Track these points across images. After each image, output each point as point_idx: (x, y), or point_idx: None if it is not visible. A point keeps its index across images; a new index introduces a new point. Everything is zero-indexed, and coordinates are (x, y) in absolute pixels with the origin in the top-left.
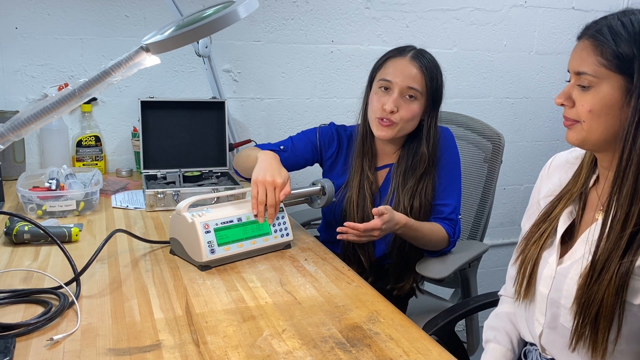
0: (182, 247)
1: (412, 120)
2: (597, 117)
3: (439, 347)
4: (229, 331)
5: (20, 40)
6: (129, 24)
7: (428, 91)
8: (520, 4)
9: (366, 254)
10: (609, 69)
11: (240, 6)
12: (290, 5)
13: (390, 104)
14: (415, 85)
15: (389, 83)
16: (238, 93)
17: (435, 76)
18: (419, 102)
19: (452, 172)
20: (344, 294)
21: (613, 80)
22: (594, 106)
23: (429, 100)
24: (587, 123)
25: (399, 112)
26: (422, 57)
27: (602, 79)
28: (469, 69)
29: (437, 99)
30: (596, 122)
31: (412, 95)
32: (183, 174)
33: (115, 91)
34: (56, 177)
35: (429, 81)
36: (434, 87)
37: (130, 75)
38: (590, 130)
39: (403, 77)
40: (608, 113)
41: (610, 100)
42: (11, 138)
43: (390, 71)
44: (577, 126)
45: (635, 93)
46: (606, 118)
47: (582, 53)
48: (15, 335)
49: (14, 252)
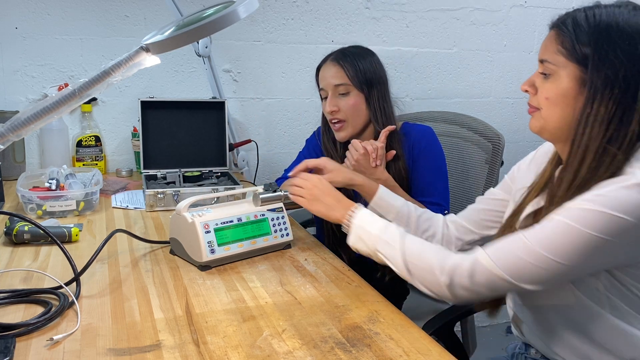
0: (182, 247)
1: (356, 110)
2: (554, 105)
3: (439, 347)
4: (229, 331)
5: (20, 40)
6: (129, 24)
7: (354, 79)
8: (520, 4)
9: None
10: (566, 58)
11: (240, 6)
12: (290, 5)
13: (328, 106)
14: (339, 81)
15: (323, 91)
16: (238, 93)
17: (355, 62)
18: (354, 93)
19: (433, 168)
20: (344, 294)
21: (570, 69)
22: (550, 94)
23: (361, 86)
24: (544, 110)
25: (340, 109)
26: (340, 53)
27: (560, 68)
28: (469, 69)
29: (369, 81)
30: (552, 110)
31: (343, 92)
32: (183, 174)
33: (115, 91)
34: (56, 177)
35: (349, 71)
36: (361, 75)
37: (130, 75)
38: (547, 118)
39: (328, 79)
40: (563, 102)
41: (566, 89)
42: (11, 138)
43: (320, 79)
44: (537, 113)
45: (588, 84)
46: (561, 107)
47: (546, 42)
48: (15, 335)
49: (14, 252)
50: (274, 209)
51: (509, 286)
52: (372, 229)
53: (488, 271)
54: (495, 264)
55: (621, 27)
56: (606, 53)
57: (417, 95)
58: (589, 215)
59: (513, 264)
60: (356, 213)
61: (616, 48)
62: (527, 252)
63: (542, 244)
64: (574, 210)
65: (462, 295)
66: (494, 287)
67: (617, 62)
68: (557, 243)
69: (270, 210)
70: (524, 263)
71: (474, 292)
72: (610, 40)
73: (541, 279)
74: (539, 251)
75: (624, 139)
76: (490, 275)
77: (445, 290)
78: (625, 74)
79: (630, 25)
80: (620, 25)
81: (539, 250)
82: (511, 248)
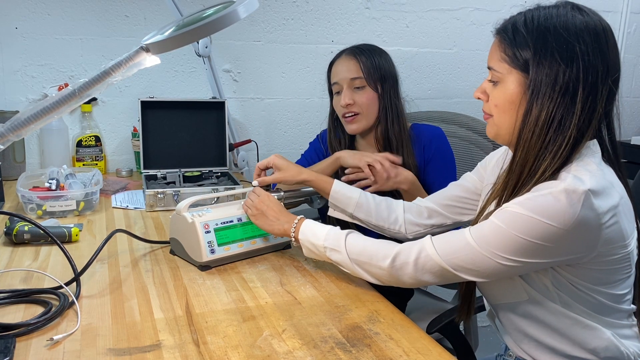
0: (182, 247)
1: (372, 105)
2: (503, 112)
3: (439, 347)
4: (229, 331)
5: (20, 40)
6: (129, 24)
7: (370, 74)
8: (520, 4)
9: None
10: (509, 65)
11: (240, 6)
12: (290, 5)
13: (344, 99)
14: (355, 74)
15: (337, 85)
16: (238, 93)
17: (371, 57)
18: (368, 88)
19: (445, 169)
20: (344, 294)
21: (514, 76)
22: (498, 101)
23: (376, 82)
24: (495, 117)
25: (356, 102)
26: (356, 49)
27: (505, 75)
28: (469, 69)
29: (384, 77)
30: (502, 117)
31: (359, 85)
32: (183, 174)
33: (115, 91)
34: (56, 177)
35: (365, 65)
36: (374, 67)
37: (130, 75)
38: (499, 124)
39: (344, 72)
40: (511, 108)
41: (512, 95)
42: (11, 138)
43: (334, 73)
44: (490, 120)
45: (529, 89)
46: (509, 113)
47: (491, 49)
48: (15, 335)
49: (14, 252)
50: None
51: (450, 276)
52: (316, 240)
53: (431, 259)
54: (437, 253)
55: (557, 30)
56: (544, 57)
57: (417, 95)
58: (516, 218)
59: (453, 255)
60: (300, 227)
61: (554, 51)
62: (465, 246)
63: (479, 241)
64: (505, 212)
65: (406, 281)
66: (439, 275)
67: (555, 65)
68: (490, 242)
69: None
70: (462, 256)
71: (416, 278)
72: (547, 44)
73: (479, 272)
74: (475, 247)
75: (562, 143)
76: (433, 263)
77: (387, 276)
78: (564, 77)
79: (567, 27)
80: (557, 28)
81: (475, 246)
82: (454, 240)
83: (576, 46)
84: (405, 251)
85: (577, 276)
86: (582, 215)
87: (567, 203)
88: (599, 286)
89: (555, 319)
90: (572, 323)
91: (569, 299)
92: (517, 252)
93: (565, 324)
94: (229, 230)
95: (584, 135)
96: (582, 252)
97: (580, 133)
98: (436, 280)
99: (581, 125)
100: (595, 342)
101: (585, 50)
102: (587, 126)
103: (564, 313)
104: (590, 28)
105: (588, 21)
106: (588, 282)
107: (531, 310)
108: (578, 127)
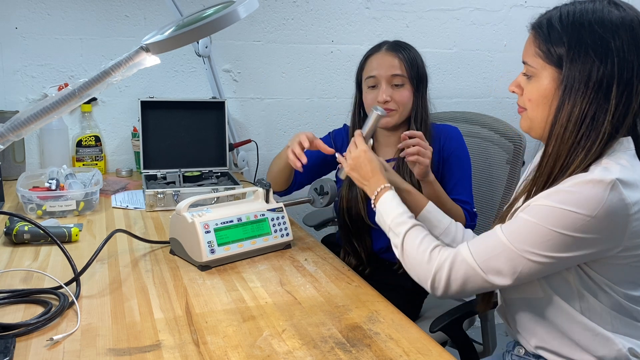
0: (182, 247)
1: (407, 104)
2: (537, 106)
3: (439, 347)
4: (229, 331)
5: (20, 40)
6: (129, 24)
7: (411, 75)
8: (520, 4)
9: (363, 245)
10: (544, 61)
11: (240, 6)
12: (290, 5)
13: (382, 95)
14: (398, 72)
15: (375, 79)
16: (238, 93)
17: (414, 59)
18: (407, 87)
19: (462, 168)
20: (344, 294)
21: (548, 71)
22: (532, 95)
23: (413, 84)
24: (529, 111)
25: (393, 99)
26: (398, 46)
27: (540, 70)
28: (469, 69)
29: (420, 81)
30: (536, 111)
31: (398, 83)
32: (183, 174)
33: (115, 91)
34: (56, 177)
35: (408, 66)
36: (415, 69)
37: (130, 75)
38: (532, 118)
39: (385, 68)
40: (544, 103)
41: (545, 90)
42: (11, 138)
43: (373, 67)
44: (524, 114)
45: (562, 84)
46: (543, 108)
47: (526, 44)
48: (15, 335)
49: (14, 252)
50: (273, 209)
51: (481, 282)
52: (387, 217)
53: (465, 262)
54: (471, 254)
55: (592, 26)
56: (578, 53)
57: None
58: (545, 212)
59: (485, 253)
60: (379, 197)
61: (587, 48)
62: (497, 243)
63: (510, 238)
64: (534, 207)
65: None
66: (468, 281)
67: (589, 61)
68: (522, 238)
69: (270, 210)
70: (494, 254)
71: (449, 285)
72: (581, 41)
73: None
74: (508, 245)
75: (596, 139)
76: (467, 267)
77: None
78: (598, 73)
79: (602, 22)
80: (591, 23)
81: (507, 242)
82: (486, 239)
83: (611, 42)
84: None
85: (600, 273)
86: (610, 202)
87: (595, 191)
88: (621, 285)
89: (567, 321)
90: (584, 328)
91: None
92: (548, 247)
93: (577, 328)
94: (229, 230)
95: (618, 131)
96: (610, 244)
97: (614, 129)
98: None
99: (615, 121)
100: (603, 350)
101: (621, 46)
102: (622, 122)
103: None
104: (627, 23)
105: (624, 16)
106: (611, 280)
107: (544, 309)
108: (612, 123)
